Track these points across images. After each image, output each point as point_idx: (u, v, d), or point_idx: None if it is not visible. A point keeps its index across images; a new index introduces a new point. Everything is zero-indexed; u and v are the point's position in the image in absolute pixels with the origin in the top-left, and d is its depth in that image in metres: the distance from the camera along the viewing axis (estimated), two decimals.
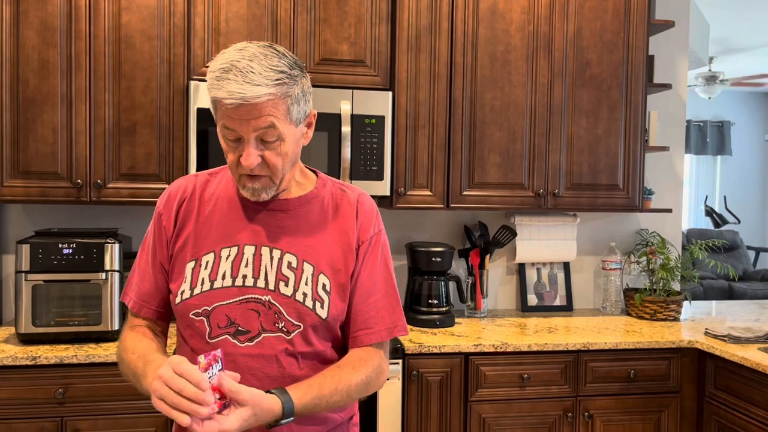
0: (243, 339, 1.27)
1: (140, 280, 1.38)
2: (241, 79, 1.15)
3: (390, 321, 1.37)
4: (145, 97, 2.52)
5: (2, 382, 2.19)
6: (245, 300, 1.28)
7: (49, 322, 2.35)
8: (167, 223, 1.35)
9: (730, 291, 7.09)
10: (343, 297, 1.33)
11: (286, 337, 1.28)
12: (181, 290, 1.30)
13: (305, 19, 2.62)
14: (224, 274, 1.29)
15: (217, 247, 1.31)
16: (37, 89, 2.44)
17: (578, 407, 2.58)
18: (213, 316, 1.28)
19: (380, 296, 1.37)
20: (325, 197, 1.37)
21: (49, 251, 2.35)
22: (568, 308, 3.21)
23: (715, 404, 2.57)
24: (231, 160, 1.25)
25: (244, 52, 1.19)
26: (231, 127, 1.20)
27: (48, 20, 2.44)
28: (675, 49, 3.36)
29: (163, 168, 2.54)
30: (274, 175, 1.26)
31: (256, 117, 1.18)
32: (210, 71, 1.20)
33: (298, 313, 1.28)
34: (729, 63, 7.21)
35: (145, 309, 1.37)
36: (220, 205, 1.34)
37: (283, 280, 1.29)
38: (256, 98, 1.16)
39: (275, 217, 1.32)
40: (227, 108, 1.18)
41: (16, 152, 2.44)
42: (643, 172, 2.95)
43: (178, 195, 1.37)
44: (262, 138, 1.21)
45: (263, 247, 1.30)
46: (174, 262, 1.34)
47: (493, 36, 2.79)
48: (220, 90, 1.16)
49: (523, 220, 3.12)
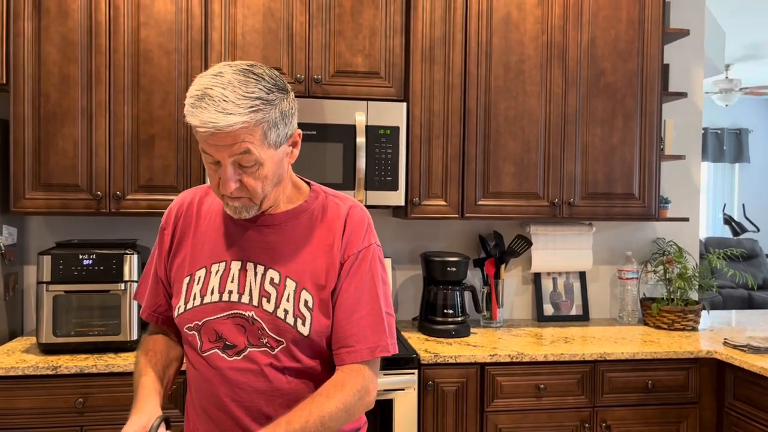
0: (231, 353, 1.29)
1: (147, 288, 1.45)
2: (213, 108, 1.15)
3: (372, 341, 1.30)
4: (163, 110, 2.56)
5: (24, 391, 2.23)
6: (232, 315, 1.29)
7: (69, 332, 2.38)
8: (167, 238, 1.40)
9: (750, 300, 7.00)
10: (328, 313, 1.30)
11: (270, 352, 1.28)
12: (178, 305, 1.34)
13: (320, 32, 2.65)
14: (213, 289, 1.31)
15: (208, 262, 1.33)
16: (58, 103, 2.49)
17: (595, 418, 2.56)
18: (204, 331, 1.31)
19: (364, 313, 1.31)
20: (314, 210, 1.35)
21: (69, 262, 2.38)
22: (585, 318, 3.19)
23: (734, 415, 2.54)
24: (214, 182, 1.26)
25: (220, 78, 1.18)
26: (208, 152, 1.21)
27: (68, 36, 2.49)
28: (690, 58, 3.35)
29: (180, 180, 2.58)
30: (253, 197, 1.25)
31: (230, 144, 1.17)
32: (187, 96, 1.19)
33: (278, 330, 1.27)
34: (746, 70, 7.16)
35: (153, 317, 1.44)
36: (213, 221, 1.37)
37: (266, 296, 1.28)
38: (228, 127, 1.15)
39: (261, 232, 1.32)
40: (201, 135, 1.18)
41: (37, 165, 2.49)
42: (659, 181, 2.94)
43: (175, 211, 1.41)
44: (240, 163, 1.20)
45: (248, 262, 1.31)
46: (173, 278, 1.38)
47: (507, 46, 2.80)
48: (193, 117, 1.16)
49: (538, 230, 3.11)
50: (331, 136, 2.60)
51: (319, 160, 2.60)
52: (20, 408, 2.22)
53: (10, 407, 2.21)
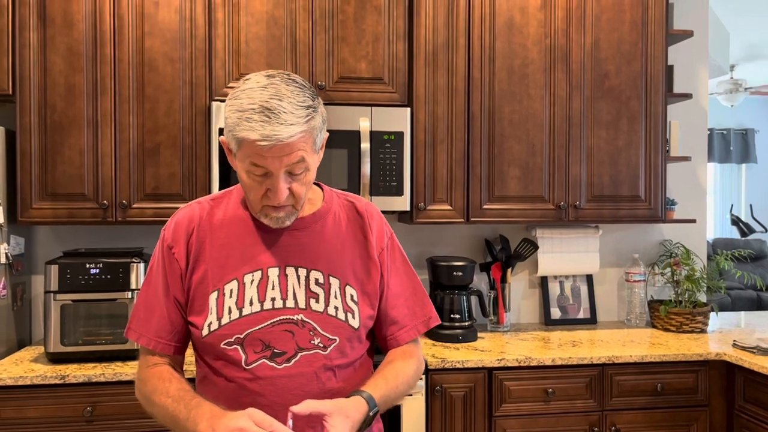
0: (280, 361, 1.27)
1: (151, 315, 1.34)
2: (274, 120, 1.15)
3: (423, 314, 1.45)
4: (168, 118, 2.57)
5: (32, 400, 2.23)
6: (277, 322, 1.28)
7: (77, 341, 2.39)
8: (180, 256, 1.32)
9: (759, 301, 6.95)
10: (371, 304, 1.37)
11: (322, 352, 1.29)
12: (208, 322, 1.28)
13: (323, 39, 2.66)
14: (251, 299, 1.28)
15: (239, 273, 1.30)
16: (64, 113, 2.50)
17: (604, 421, 2.54)
18: (247, 343, 1.27)
19: (409, 294, 1.43)
20: (335, 210, 1.39)
21: (76, 271, 2.39)
22: (592, 321, 3.18)
23: (744, 417, 2.52)
24: (257, 194, 1.24)
25: (271, 90, 1.18)
26: (261, 164, 1.19)
27: (74, 46, 2.51)
28: (695, 59, 3.35)
29: (186, 188, 2.58)
30: (297, 203, 1.27)
31: (287, 154, 1.18)
32: (235, 109, 1.18)
33: (332, 327, 1.30)
34: (751, 70, 7.14)
35: (162, 345, 1.33)
36: (233, 231, 1.33)
37: (313, 296, 1.30)
38: (289, 138, 1.16)
39: (293, 236, 1.33)
40: (260, 148, 1.16)
41: (44, 175, 2.50)
42: (665, 183, 2.93)
43: (184, 226, 1.34)
44: (291, 171, 1.22)
45: (287, 267, 1.31)
46: (193, 295, 1.31)
47: (510, 50, 2.80)
48: (252, 132, 1.15)
49: (544, 233, 3.10)
50: (335, 142, 2.60)
51: (324, 166, 2.60)
52: (29, 417, 2.22)
53: (19, 417, 2.22)
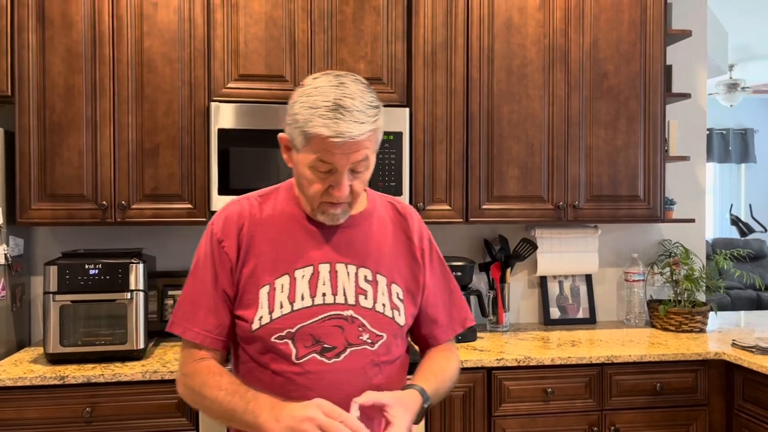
0: (330, 356, 1.30)
1: (198, 309, 1.33)
2: (349, 118, 1.19)
3: (459, 315, 1.50)
4: (167, 119, 2.57)
5: (31, 401, 2.23)
6: (327, 317, 1.30)
7: (76, 342, 2.39)
8: (230, 250, 1.33)
9: (759, 301, 6.96)
10: (414, 302, 1.41)
11: (370, 348, 1.32)
12: (259, 316, 1.30)
13: (322, 39, 2.66)
14: (302, 294, 1.31)
15: (290, 269, 1.32)
16: (63, 114, 2.51)
17: (604, 421, 2.55)
18: (297, 337, 1.29)
19: (446, 295, 1.48)
20: (379, 210, 1.44)
21: (75, 272, 2.39)
22: (592, 321, 3.18)
23: (744, 416, 2.52)
24: (317, 189, 1.27)
25: (344, 89, 1.22)
26: (329, 161, 1.23)
27: (73, 47, 2.51)
28: (693, 58, 3.35)
29: (185, 188, 2.59)
30: (353, 201, 1.31)
31: (355, 151, 1.22)
32: (307, 106, 1.21)
33: (379, 324, 1.34)
34: (750, 70, 7.14)
35: (210, 340, 1.33)
36: (283, 227, 1.35)
37: (362, 293, 1.34)
38: (360, 136, 1.21)
39: (342, 233, 1.36)
40: (331, 144, 1.20)
41: (43, 176, 2.50)
42: (664, 183, 2.93)
43: (235, 220, 1.35)
44: (354, 169, 1.26)
45: (337, 263, 1.34)
46: (243, 289, 1.32)
47: (508, 50, 2.80)
48: (326, 128, 1.19)
49: (543, 233, 3.11)
50: None
51: None
52: (28, 418, 2.22)
53: (18, 418, 2.22)
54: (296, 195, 1.38)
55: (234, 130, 2.55)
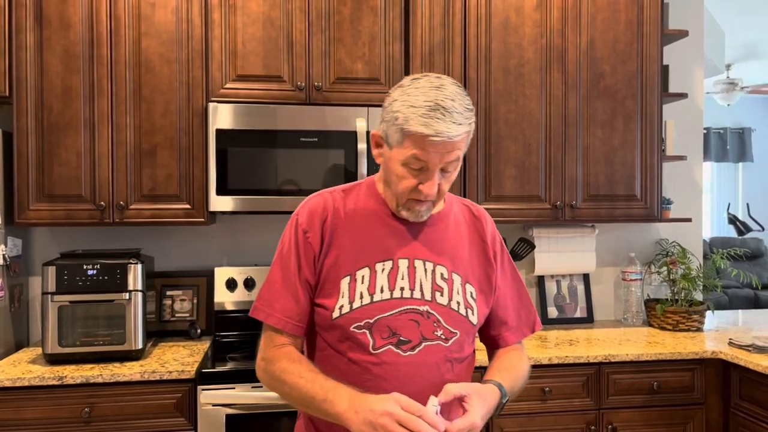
0: (405, 348, 1.32)
1: (280, 296, 1.37)
2: (449, 119, 1.23)
3: (529, 319, 1.53)
4: (165, 119, 2.57)
5: (30, 401, 2.23)
6: (404, 311, 1.34)
7: (74, 342, 2.39)
8: (314, 240, 1.37)
9: (756, 300, 6.97)
10: (486, 302, 1.44)
11: (444, 344, 1.35)
12: (339, 305, 1.33)
13: (320, 39, 2.67)
14: (382, 287, 1.34)
15: (371, 261, 1.36)
16: (60, 114, 2.51)
17: (601, 420, 2.55)
18: (375, 328, 1.32)
19: (517, 298, 1.51)
20: (456, 211, 1.48)
21: (74, 272, 2.40)
22: (589, 320, 3.19)
23: (740, 415, 2.53)
24: (406, 185, 1.31)
25: (444, 90, 1.26)
26: (424, 158, 1.26)
27: (70, 47, 2.51)
28: (690, 58, 3.36)
29: (183, 189, 2.59)
30: (438, 199, 1.35)
31: (449, 151, 1.26)
32: (408, 104, 1.25)
33: (454, 321, 1.37)
34: (747, 70, 7.16)
35: (291, 326, 1.37)
36: (365, 221, 1.39)
37: (438, 290, 1.37)
38: (457, 137, 1.25)
39: (423, 231, 1.40)
40: (428, 143, 1.24)
41: (41, 176, 2.50)
42: (660, 182, 2.94)
43: (319, 212, 1.39)
44: (444, 168, 1.29)
45: (416, 260, 1.37)
46: (325, 278, 1.36)
47: (506, 50, 2.81)
48: (426, 127, 1.23)
49: (541, 233, 3.11)
50: (332, 143, 2.61)
51: (321, 166, 2.61)
52: (27, 419, 2.23)
53: (16, 418, 2.22)
54: (378, 192, 1.42)
55: (232, 131, 2.56)
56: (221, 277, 2.84)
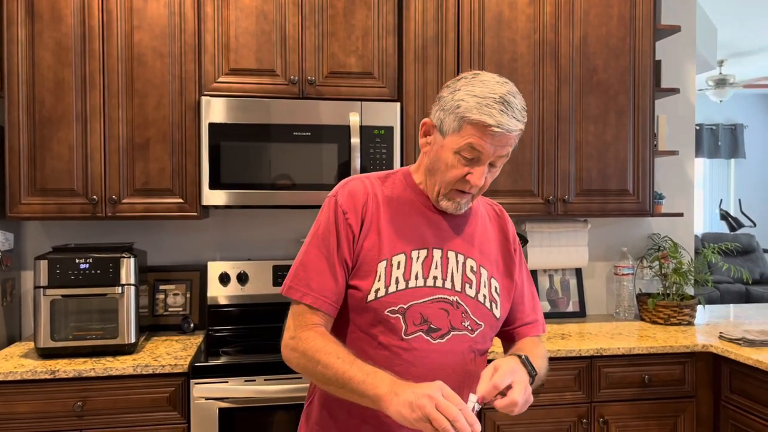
0: (435, 336, 1.35)
1: (316, 275, 1.37)
2: (510, 113, 1.28)
3: (541, 317, 1.57)
4: (157, 113, 2.57)
5: (22, 395, 2.23)
6: (436, 300, 1.37)
7: (67, 336, 2.39)
8: (354, 222, 1.38)
9: (747, 294, 7.02)
10: (508, 298, 1.48)
11: (470, 335, 1.38)
12: (375, 288, 1.35)
13: (313, 34, 2.67)
14: (417, 274, 1.37)
15: (407, 248, 1.38)
16: (52, 108, 2.50)
17: (593, 413, 2.57)
18: (408, 314, 1.34)
19: (530, 295, 1.56)
20: (482, 208, 1.53)
21: (66, 266, 2.39)
22: (581, 314, 3.21)
23: (731, 408, 2.55)
24: (455, 175, 1.34)
25: (507, 86, 1.31)
26: (479, 148, 1.30)
27: (62, 41, 2.50)
28: (682, 54, 3.37)
29: (176, 183, 2.58)
30: (479, 193, 1.39)
31: (503, 145, 1.31)
32: (472, 94, 1.29)
33: (480, 313, 1.40)
34: (739, 66, 7.19)
35: (327, 305, 1.36)
36: (402, 209, 1.42)
37: (468, 282, 1.40)
38: (514, 131, 1.30)
39: (456, 224, 1.44)
40: (489, 133, 1.28)
41: (33, 170, 2.49)
42: (653, 177, 2.96)
43: (359, 194, 1.40)
44: (493, 163, 1.34)
45: (449, 251, 1.41)
46: (362, 260, 1.37)
47: (499, 45, 2.81)
48: (489, 117, 1.27)
49: (533, 227, 3.12)
50: (325, 137, 2.61)
51: (315, 161, 2.61)
52: (19, 413, 2.22)
53: (9, 412, 2.22)
54: (413, 182, 1.45)
55: (225, 125, 2.55)
56: (214, 272, 2.84)
